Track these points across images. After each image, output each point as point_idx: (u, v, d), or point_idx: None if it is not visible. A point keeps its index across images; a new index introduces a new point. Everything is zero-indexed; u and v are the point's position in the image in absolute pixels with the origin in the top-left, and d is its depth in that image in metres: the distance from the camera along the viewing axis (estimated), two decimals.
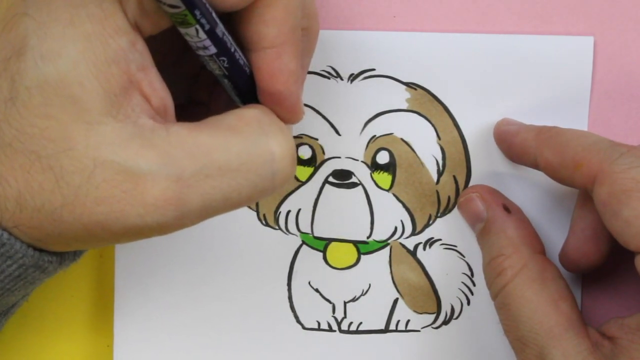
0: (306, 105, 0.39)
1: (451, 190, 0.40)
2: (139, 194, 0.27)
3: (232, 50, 0.29)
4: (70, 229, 0.27)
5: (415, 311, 0.40)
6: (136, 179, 0.27)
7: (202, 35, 0.28)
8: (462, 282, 0.40)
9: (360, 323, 0.40)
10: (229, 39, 0.29)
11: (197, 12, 0.27)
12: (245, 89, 0.31)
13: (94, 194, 0.27)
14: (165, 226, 0.27)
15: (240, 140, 0.28)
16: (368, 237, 0.40)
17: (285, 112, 0.31)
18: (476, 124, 0.39)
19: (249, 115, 0.29)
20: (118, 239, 0.28)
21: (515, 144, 0.37)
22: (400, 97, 0.39)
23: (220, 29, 0.28)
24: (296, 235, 0.40)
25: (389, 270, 0.40)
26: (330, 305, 0.40)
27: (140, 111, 0.27)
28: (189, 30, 0.27)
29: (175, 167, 0.27)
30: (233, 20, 0.30)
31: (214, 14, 0.28)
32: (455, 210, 0.40)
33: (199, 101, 0.35)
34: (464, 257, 0.40)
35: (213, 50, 0.29)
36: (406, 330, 0.40)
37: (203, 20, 0.27)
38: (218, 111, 0.30)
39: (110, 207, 0.27)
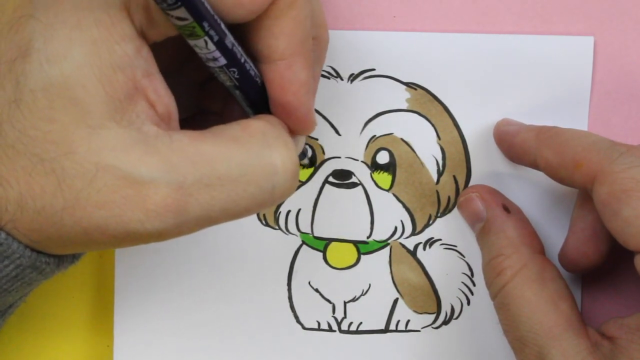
0: None
1: (451, 190, 0.40)
2: (140, 200, 0.27)
3: (242, 61, 0.29)
4: (70, 232, 0.27)
5: (415, 311, 0.40)
6: (137, 185, 0.26)
7: (212, 46, 0.27)
8: (462, 282, 0.40)
9: (360, 323, 0.40)
10: (238, 50, 0.29)
11: (206, 24, 0.26)
12: (256, 100, 0.30)
13: (95, 198, 0.26)
14: (164, 233, 0.27)
15: (243, 152, 0.28)
16: (368, 237, 0.40)
17: (297, 122, 0.31)
18: (476, 124, 0.39)
19: (254, 126, 0.29)
20: (117, 243, 0.28)
21: (515, 144, 0.37)
22: (400, 97, 0.39)
23: (230, 40, 0.28)
24: (296, 235, 0.40)
25: (389, 270, 0.40)
26: (330, 305, 0.40)
27: (145, 117, 0.27)
28: (198, 42, 0.27)
29: (177, 174, 0.27)
30: (243, 31, 0.29)
31: (222, 25, 0.27)
32: (455, 210, 0.40)
33: (212, 111, 0.35)
34: (464, 257, 0.40)
35: (223, 61, 0.28)
36: (406, 330, 0.40)
37: (212, 32, 0.27)
38: (231, 121, 0.30)
39: (110, 212, 0.27)
